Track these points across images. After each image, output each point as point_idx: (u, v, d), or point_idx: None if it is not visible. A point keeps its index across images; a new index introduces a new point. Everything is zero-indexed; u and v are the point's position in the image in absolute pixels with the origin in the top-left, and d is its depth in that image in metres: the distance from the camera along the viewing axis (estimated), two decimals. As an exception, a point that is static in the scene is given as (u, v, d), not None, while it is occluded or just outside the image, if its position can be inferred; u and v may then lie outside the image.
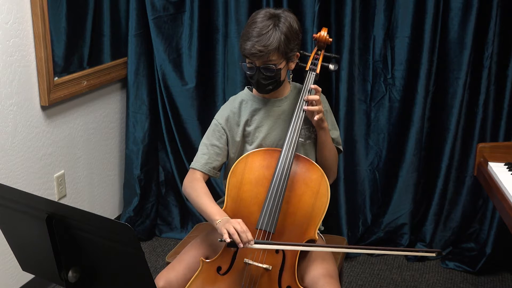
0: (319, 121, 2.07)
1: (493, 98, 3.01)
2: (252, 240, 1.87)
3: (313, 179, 2.04)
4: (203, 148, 2.18)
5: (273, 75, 2.04)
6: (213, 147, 2.16)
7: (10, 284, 2.70)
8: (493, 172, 2.21)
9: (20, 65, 2.60)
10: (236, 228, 1.86)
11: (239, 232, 1.86)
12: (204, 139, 2.20)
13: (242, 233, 1.85)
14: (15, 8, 2.54)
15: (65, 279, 1.61)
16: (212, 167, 2.15)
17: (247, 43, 2.00)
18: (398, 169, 3.17)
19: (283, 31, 2.00)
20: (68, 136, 2.96)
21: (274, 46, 1.98)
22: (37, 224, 1.57)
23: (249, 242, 1.86)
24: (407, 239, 3.22)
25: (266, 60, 2.01)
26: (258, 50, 1.98)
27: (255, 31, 1.99)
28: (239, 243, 1.85)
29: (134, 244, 1.47)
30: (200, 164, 2.15)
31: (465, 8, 2.89)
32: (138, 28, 3.20)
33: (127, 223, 1.80)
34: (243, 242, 1.85)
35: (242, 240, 1.85)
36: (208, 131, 2.21)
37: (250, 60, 2.04)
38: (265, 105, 2.17)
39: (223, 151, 2.18)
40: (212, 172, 2.16)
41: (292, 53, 2.07)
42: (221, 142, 2.17)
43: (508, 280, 3.03)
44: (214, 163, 2.16)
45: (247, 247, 1.87)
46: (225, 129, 2.17)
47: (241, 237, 1.85)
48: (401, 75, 3.08)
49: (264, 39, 1.98)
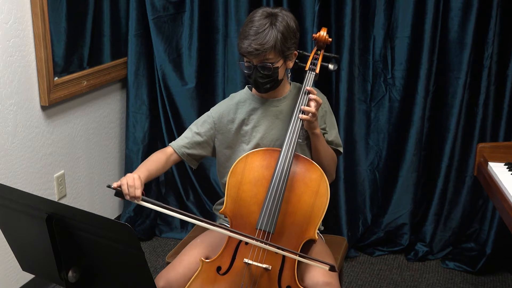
0: (310, 126, 2.07)
1: (493, 98, 3.01)
2: (139, 197, 1.93)
3: (312, 178, 2.04)
4: (188, 132, 2.23)
5: (270, 74, 2.04)
6: (197, 135, 2.19)
7: (10, 284, 2.70)
8: (493, 172, 2.21)
9: (20, 65, 2.61)
10: (128, 181, 1.93)
11: (128, 185, 1.92)
12: (192, 125, 2.24)
13: (130, 187, 1.92)
14: (15, 8, 2.54)
15: (65, 279, 1.61)
16: (188, 153, 2.19)
17: (244, 42, 2.01)
18: (398, 169, 3.17)
19: (280, 29, 2.01)
20: (68, 136, 2.96)
21: (271, 44, 1.99)
22: (37, 224, 1.57)
23: (136, 198, 1.93)
24: (407, 239, 3.22)
25: (263, 58, 2.01)
26: (254, 49, 1.99)
27: (252, 30, 2.00)
28: (126, 194, 1.92)
29: (134, 244, 1.47)
30: (177, 145, 2.20)
31: (465, 8, 2.90)
32: (138, 28, 3.20)
33: (127, 223, 1.80)
34: (130, 195, 1.92)
35: (129, 193, 1.92)
36: (199, 119, 2.24)
37: (248, 59, 2.05)
38: (263, 104, 2.18)
39: (205, 144, 2.20)
40: (186, 157, 2.20)
41: (289, 51, 2.07)
42: (206, 135, 2.19)
43: (508, 280, 3.03)
44: (191, 150, 2.19)
45: (134, 202, 1.94)
46: (215, 124, 2.18)
47: (129, 190, 1.92)
48: (401, 75, 3.08)
49: (260, 38, 1.99)
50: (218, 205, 2.30)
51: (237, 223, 2.03)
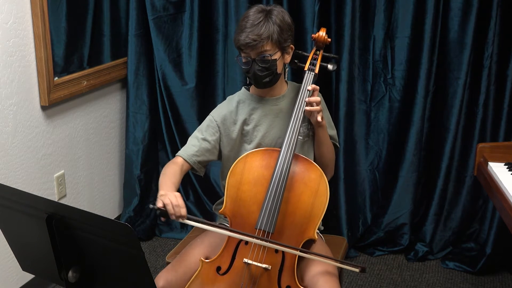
0: (318, 120, 2.07)
1: (493, 98, 3.01)
2: (185, 216, 1.90)
3: (312, 178, 2.04)
4: (194, 140, 2.18)
5: (268, 66, 2.05)
6: (204, 142, 2.17)
7: (10, 284, 2.70)
8: (493, 172, 2.21)
9: (20, 65, 2.61)
10: (171, 200, 1.89)
11: (173, 205, 1.88)
12: (196, 132, 2.21)
13: (176, 207, 1.88)
14: (15, 8, 2.54)
15: (65, 279, 1.61)
16: (198, 160, 2.16)
17: (241, 35, 2.03)
18: (398, 169, 3.17)
19: (275, 22, 2.03)
20: (68, 136, 2.96)
21: (267, 34, 2.00)
22: (37, 224, 1.57)
23: (181, 217, 1.89)
24: (407, 239, 3.22)
25: (260, 50, 2.02)
26: (252, 39, 2.00)
27: (248, 23, 2.03)
28: (171, 214, 1.88)
29: (134, 244, 1.47)
30: (187, 154, 2.16)
31: (465, 8, 2.89)
32: (138, 28, 3.20)
33: (127, 223, 1.80)
34: (175, 215, 1.88)
35: (175, 213, 1.88)
36: (202, 125, 2.21)
37: (245, 53, 2.05)
38: (262, 104, 2.18)
39: (213, 149, 2.18)
40: (197, 166, 2.16)
41: (286, 43, 2.08)
42: (213, 139, 2.18)
43: (508, 280, 3.03)
44: (201, 157, 2.16)
45: (179, 221, 1.90)
46: (219, 127, 2.18)
47: (174, 210, 1.88)
48: (401, 75, 3.08)
49: (256, 29, 2.01)
50: (218, 204, 2.30)
51: (237, 223, 2.03)
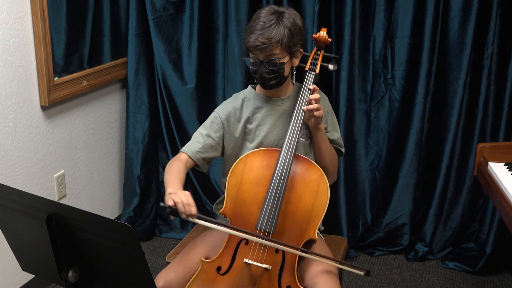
0: (315, 121, 2.07)
1: (493, 98, 3.01)
2: (195, 215, 1.89)
3: (312, 179, 2.04)
4: (198, 136, 2.18)
5: (276, 69, 2.04)
6: (209, 138, 2.17)
7: (10, 284, 2.70)
8: (493, 172, 2.21)
9: (20, 65, 2.60)
10: (181, 199, 1.89)
11: (183, 203, 1.88)
12: (200, 128, 2.21)
13: (187, 205, 1.88)
14: (15, 8, 2.54)
15: (65, 279, 1.61)
16: (202, 157, 2.16)
17: (251, 36, 2.01)
18: (398, 169, 3.17)
19: (286, 25, 2.01)
20: (68, 136, 2.96)
21: (277, 38, 1.99)
22: (37, 224, 1.57)
23: (192, 215, 1.89)
24: (407, 239, 3.22)
25: (269, 53, 2.01)
26: (261, 42, 1.99)
27: (259, 25, 2.01)
28: (182, 213, 1.88)
29: (134, 244, 1.47)
30: (191, 151, 2.16)
31: (465, 8, 2.89)
32: (138, 28, 3.20)
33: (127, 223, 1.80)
34: (186, 214, 1.88)
35: (185, 212, 1.88)
36: (206, 122, 2.21)
37: (254, 55, 2.04)
38: (267, 103, 2.18)
39: (217, 146, 2.18)
40: (201, 162, 2.16)
41: (295, 48, 2.08)
42: (217, 136, 2.17)
43: (508, 280, 3.03)
44: (205, 153, 2.16)
45: (189, 220, 1.90)
46: (223, 124, 2.18)
47: (185, 208, 1.88)
48: (401, 75, 3.08)
49: (267, 32, 1.99)
50: (218, 204, 2.30)
51: (237, 223, 2.03)
